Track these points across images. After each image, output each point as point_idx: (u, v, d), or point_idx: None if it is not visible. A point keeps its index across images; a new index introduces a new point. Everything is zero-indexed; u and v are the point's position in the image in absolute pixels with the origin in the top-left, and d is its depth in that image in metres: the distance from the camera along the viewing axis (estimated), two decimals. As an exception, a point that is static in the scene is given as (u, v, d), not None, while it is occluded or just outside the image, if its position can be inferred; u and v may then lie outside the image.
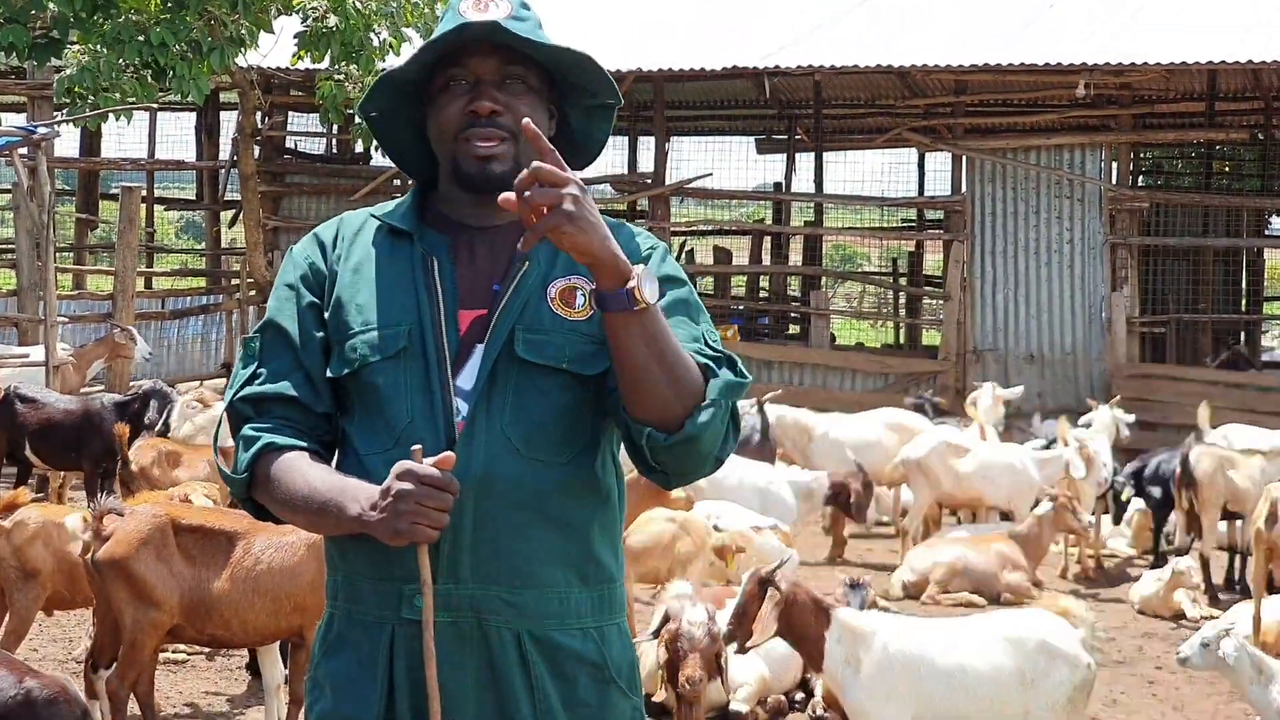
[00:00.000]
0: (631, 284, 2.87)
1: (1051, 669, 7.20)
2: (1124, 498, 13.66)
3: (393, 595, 3.07)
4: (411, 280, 3.14)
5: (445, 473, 2.86)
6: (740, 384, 3.05)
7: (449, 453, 2.90)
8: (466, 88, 3.14)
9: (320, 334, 3.17)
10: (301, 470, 3.07)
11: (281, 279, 3.25)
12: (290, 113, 25.74)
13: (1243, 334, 25.18)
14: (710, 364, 3.02)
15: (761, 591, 7.13)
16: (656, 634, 7.69)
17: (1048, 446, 14.14)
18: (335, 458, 3.20)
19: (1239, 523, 12.82)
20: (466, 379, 3.08)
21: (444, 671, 2.97)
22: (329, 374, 3.16)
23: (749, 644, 7.37)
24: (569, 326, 3.10)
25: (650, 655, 7.84)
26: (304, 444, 3.13)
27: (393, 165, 21.14)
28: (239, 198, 23.56)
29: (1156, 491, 13.53)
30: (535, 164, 2.82)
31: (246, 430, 3.15)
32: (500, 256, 3.16)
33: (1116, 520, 14.04)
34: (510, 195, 2.83)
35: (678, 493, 10.15)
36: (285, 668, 8.07)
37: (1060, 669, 7.20)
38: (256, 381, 3.17)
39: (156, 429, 12.40)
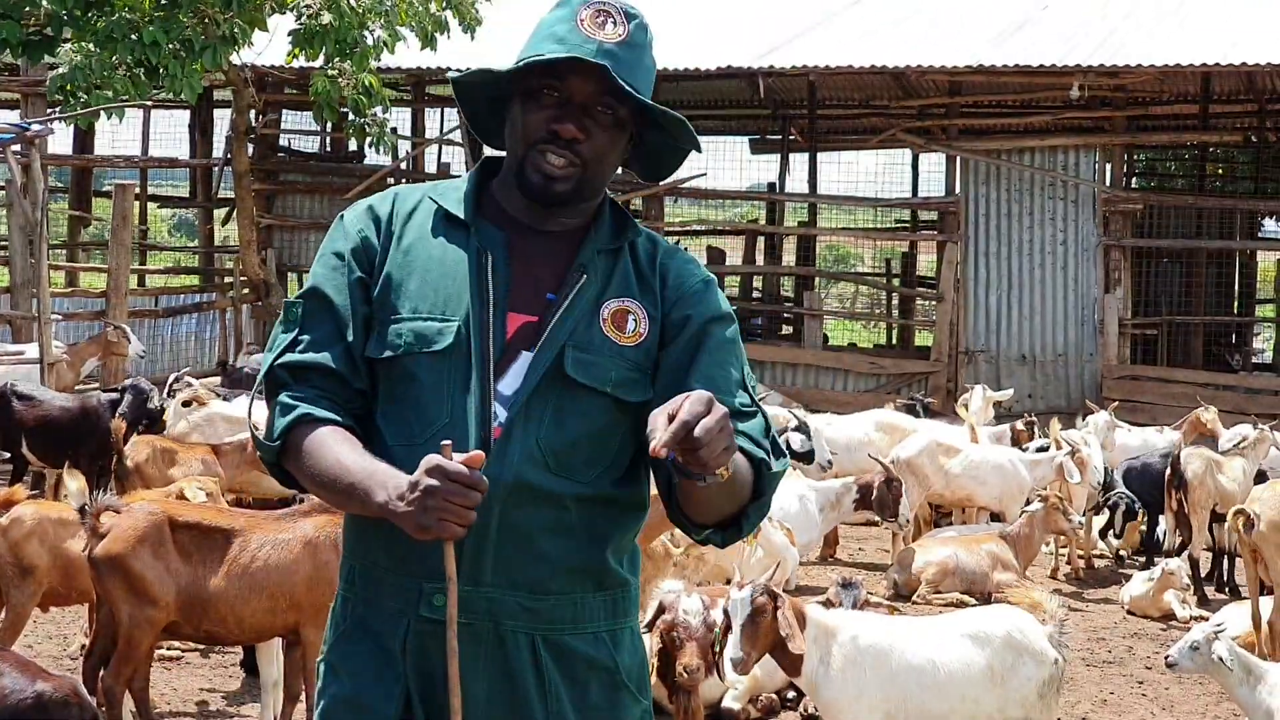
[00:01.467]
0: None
1: (1019, 665, 7.21)
2: (1134, 515, 13.63)
3: (413, 591, 3.08)
4: (465, 275, 3.12)
5: (474, 471, 2.84)
6: (784, 470, 3.12)
7: (478, 451, 2.88)
8: (558, 101, 3.10)
9: (366, 310, 3.15)
10: (333, 446, 3.04)
11: (330, 246, 3.21)
12: (284, 110, 25.75)
13: (1234, 336, 25.25)
14: (763, 456, 3.05)
15: (774, 602, 7.05)
16: (650, 626, 7.66)
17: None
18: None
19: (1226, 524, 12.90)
20: (508, 385, 3.07)
21: (459, 672, 2.97)
22: (368, 354, 3.13)
23: (753, 661, 7.26)
24: (617, 350, 3.10)
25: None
26: (339, 418, 3.10)
27: (386, 164, 21.25)
28: (232, 195, 23.57)
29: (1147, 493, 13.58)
30: (680, 417, 2.75)
31: (283, 397, 3.12)
32: (556, 263, 3.15)
33: (1119, 534, 13.96)
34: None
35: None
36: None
37: (1027, 665, 7.22)
38: (298, 349, 3.14)
39: (126, 420, 12.37)
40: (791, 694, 9.11)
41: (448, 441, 2.88)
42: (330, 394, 3.12)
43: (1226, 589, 12.87)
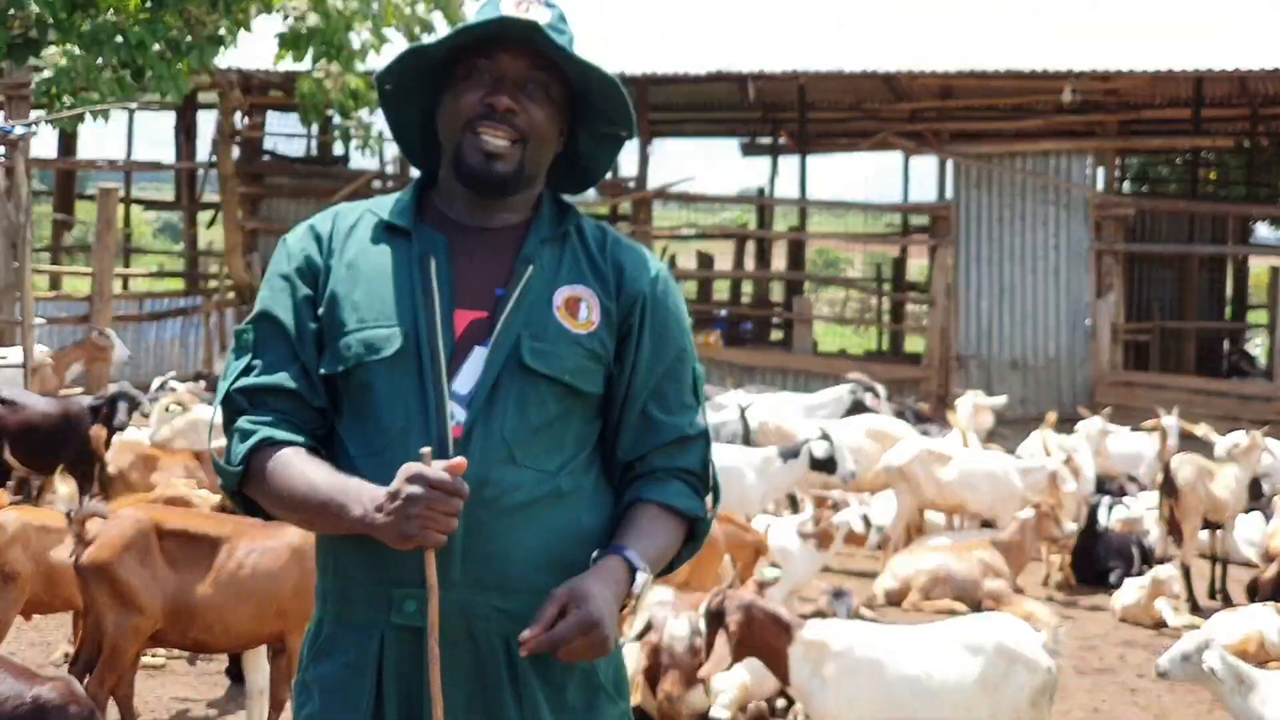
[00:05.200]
0: (630, 602, 3.09)
1: (1012, 673, 7.21)
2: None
3: (382, 600, 3.05)
4: (408, 279, 3.11)
5: (456, 477, 2.84)
6: (714, 516, 3.27)
7: (460, 458, 2.88)
8: (489, 81, 3.12)
9: (315, 327, 3.13)
10: (300, 467, 3.03)
11: (275, 269, 3.21)
12: (269, 113, 25.72)
13: (1226, 342, 25.28)
14: (699, 513, 3.21)
15: (715, 623, 7.04)
16: (640, 637, 7.65)
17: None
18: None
19: (1219, 532, 12.87)
20: (463, 383, 3.05)
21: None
22: (322, 370, 3.12)
23: (706, 674, 7.28)
24: (572, 338, 3.09)
25: (632, 660, 7.81)
26: (301, 439, 3.09)
27: (372, 167, 21.19)
28: (217, 199, 23.53)
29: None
30: (551, 635, 2.93)
31: (242, 423, 3.10)
32: (502, 258, 3.14)
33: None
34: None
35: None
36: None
37: (1020, 673, 7.21)
38: (252, 373, 3.12)
39: (123, 430, 12.34)
40: (781, 702, 9.04)
41: (427, 449, 2.89)
42: (290, 415, 3.11)
43: (1219, 596, 12.82)
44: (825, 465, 12.24)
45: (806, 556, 11.01)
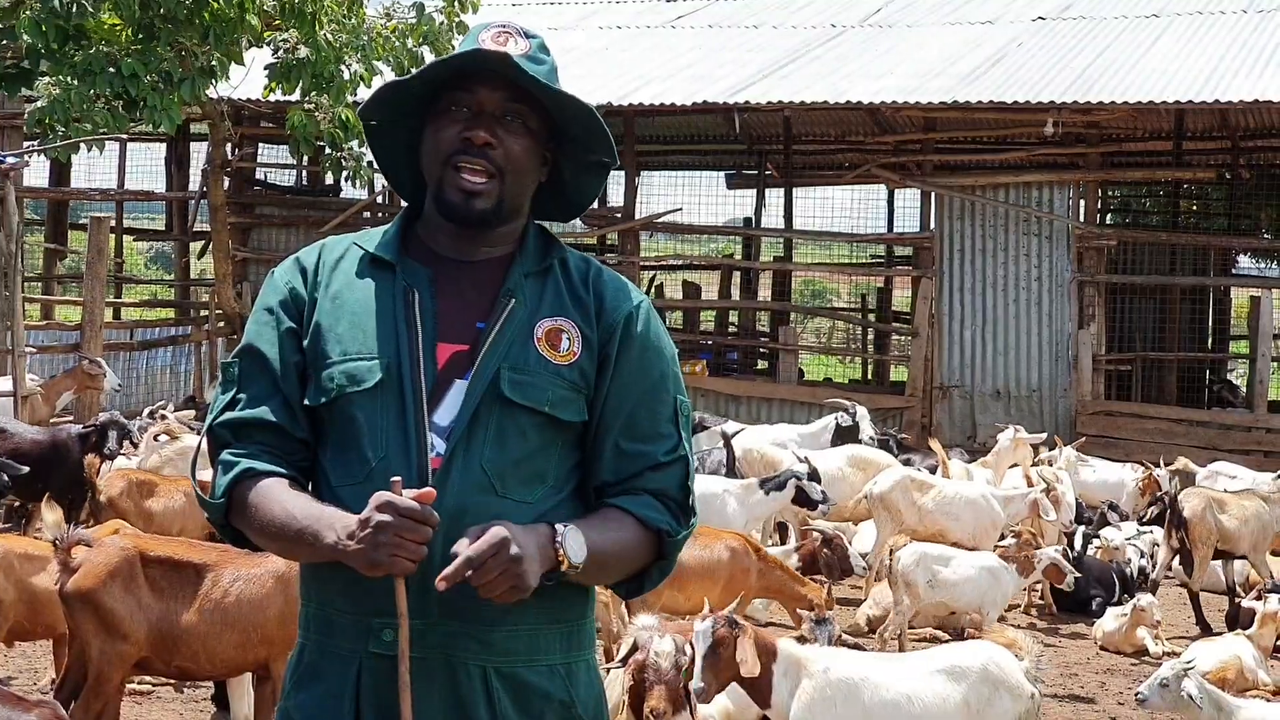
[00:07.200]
0: (562, 566, 3.03)
1: (995, 699, 7.23)
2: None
3: (362, 629, 3.09)
4: (392, 312, 3.15)
5: (425, 506, 2.88)
6: (690, 533, 3.23)
7: (429, 488, 2.93)
8: (467, 114, 3.16)
9: (298, 359, 3.18)
10: (279, 497, 3.07)
11: (261, 303, 3.25)
12: (260, 144, 25.75)
13: (1207, 372, 25.34)
14: (666, 525, 3.19)
15: (733, 632, 7.06)
16: (625, 661, 7.66)
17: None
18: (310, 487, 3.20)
19: (1236, 563, 12.97)
20: (444, 415, 3.09)
21: (413, 707, 2.98)
22: (306, 402, 3.16)
23: (749, 672, 7.27)
24: (552, 369, 3.13)
25: (616, 686, 7.84)
26: (283, 470, 3.13)
27: (363, 197, 21.25)
28: (208, 228, 23.55)
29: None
30: (464, 554, 2.92)
31: (225, 455, 3.15)
32: (484, 292, 3.18)
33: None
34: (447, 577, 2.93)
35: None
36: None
37: (1004, 699, 7.24)
38: (236, 407, 3.17)
39: (113, 459, 12.37)
40: (765, 729, 9.08)
41: (398, 478, 2.92)
42: (272, 448, 3.15)
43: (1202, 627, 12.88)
44: (803, 498, 12.32)
45: (1011, 580, 11.24)
